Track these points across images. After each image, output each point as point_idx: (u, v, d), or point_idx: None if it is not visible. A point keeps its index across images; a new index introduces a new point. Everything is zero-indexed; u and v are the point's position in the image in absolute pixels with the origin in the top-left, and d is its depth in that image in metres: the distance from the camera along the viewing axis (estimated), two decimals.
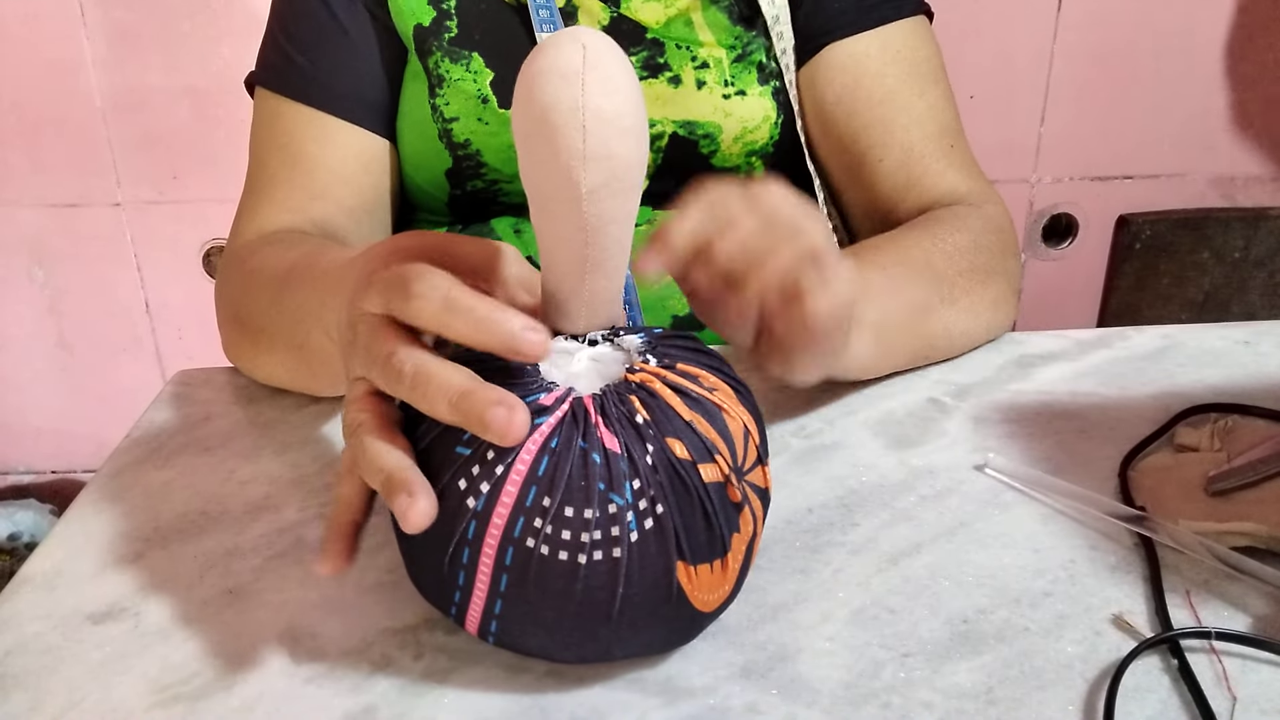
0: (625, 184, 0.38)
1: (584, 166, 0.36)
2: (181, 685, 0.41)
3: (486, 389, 0.36)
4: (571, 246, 0.39)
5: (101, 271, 1.59)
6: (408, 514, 0.36)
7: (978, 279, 0.65)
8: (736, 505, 0.39)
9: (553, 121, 0.36)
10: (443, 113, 0.70)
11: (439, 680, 0.41)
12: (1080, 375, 0.63)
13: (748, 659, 0.42)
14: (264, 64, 0.74)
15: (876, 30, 0.72)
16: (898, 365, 0.63)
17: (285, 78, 0.71)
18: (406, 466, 0.37)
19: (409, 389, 0.37)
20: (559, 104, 0.36)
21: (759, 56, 0.73)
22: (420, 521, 0.36)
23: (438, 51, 0.70)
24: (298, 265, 0.56)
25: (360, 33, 0.72)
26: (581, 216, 0.38)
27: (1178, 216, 1.56)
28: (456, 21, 0.71)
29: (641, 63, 0.72)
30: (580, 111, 0.36)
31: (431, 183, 0.73)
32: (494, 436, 0.35)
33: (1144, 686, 0.40)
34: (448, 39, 0.71)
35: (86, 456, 1.72)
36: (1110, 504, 0.50)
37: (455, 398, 0.36)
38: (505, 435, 0.35)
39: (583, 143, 0.36)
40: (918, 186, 0.71)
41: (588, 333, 0.42)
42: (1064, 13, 1.48)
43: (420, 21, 0.71)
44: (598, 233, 0.38)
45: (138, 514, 0.52)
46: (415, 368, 0.37)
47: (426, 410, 0.37)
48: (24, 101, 1.50)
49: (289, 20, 0.73)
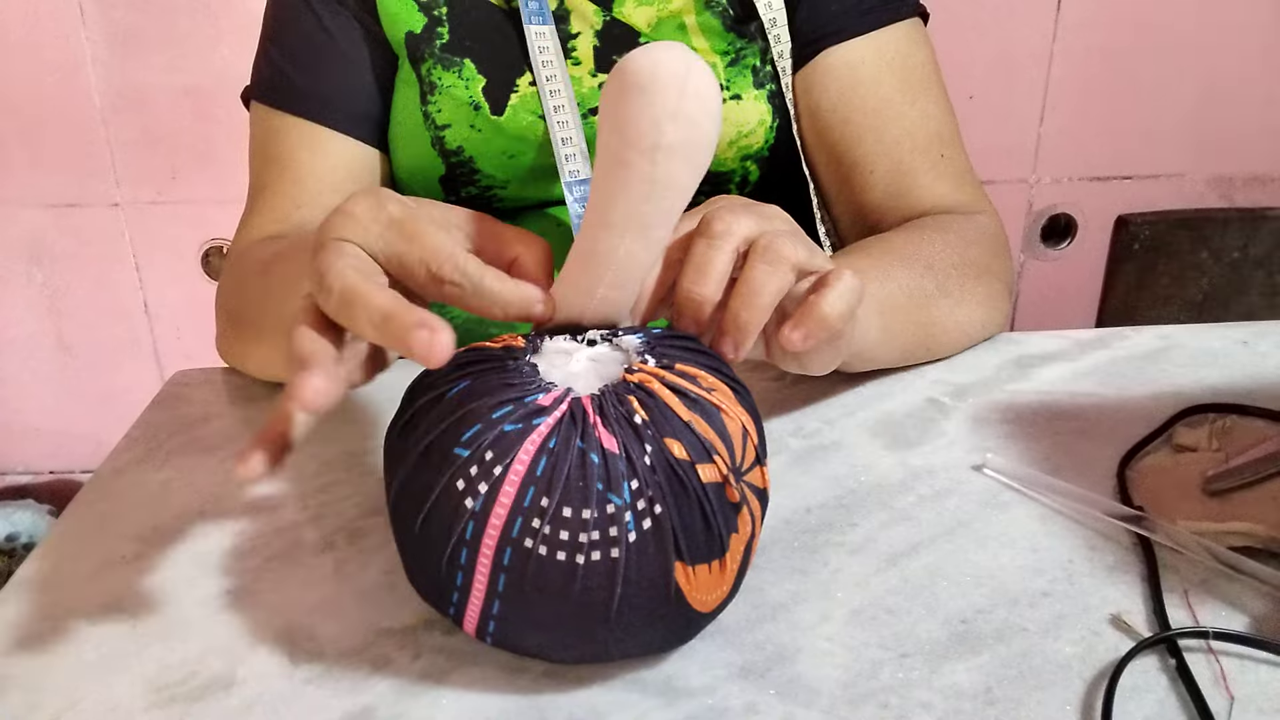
0: (696, 158, 0.41)
1: (673, 121, 0.39)
2: (179, 685, 0.41)
3: (410, 311, 0.36)
4: (630, 200, 0.41)
5: (100, 272, 1.59)
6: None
7: (970, 273, 0.65)
8: (735, 505, 0.39)
9: (659, 76, 0.39)
10: (435, 120, 0.70)
11: (437, 680, 0.41)
12: (1079, 375, 0.63)
13: (746, 659, 0.42)
14: (256, 78, 0.74)
15: (872, 35, 0.72)
16: (901, 352, 0.62)
17: (276, 90, 0.72)
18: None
19: (336, 306, 0.37)
20: (667, 66, 0.40)
21: (753, 60, 0.73)
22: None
23: (429, 58, 0.70)
24: (280, 252, 0.57)
25: (349, 42, 0.72)
26: (653, 167, 0.40)
27: (1176, 217, 1.56)
28: (448, 28, 0.71)
29: None
30: (684, 78, 0.39)
31: (425, 190, 0.73)
32: (418, 358, 0.35)
33: (1142, 686, 0.40)
34: (439, 45, 0.70)
35: (85, 457, 1.72)
36: (1109, 504, 0.50)
37: (378, 319, 0.36)
38: (428, 357, 0.35)
39: (678, 101, 0.39)
40: (906, 198, 0.71)
41: (595, 318, 0.42)
42: (1063, 13, 1.48)
43: (411, 29, 0.71)
44: (659, 188, 0.40)
45: (136, 514, 0.52)
46: (343, 286, 0.37)
47: (354, 330, 0.37)
48: (24, 101, 1.50)
49: (278, 31, 0.73)
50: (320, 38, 0.72)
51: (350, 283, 0.37)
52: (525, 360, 0.40)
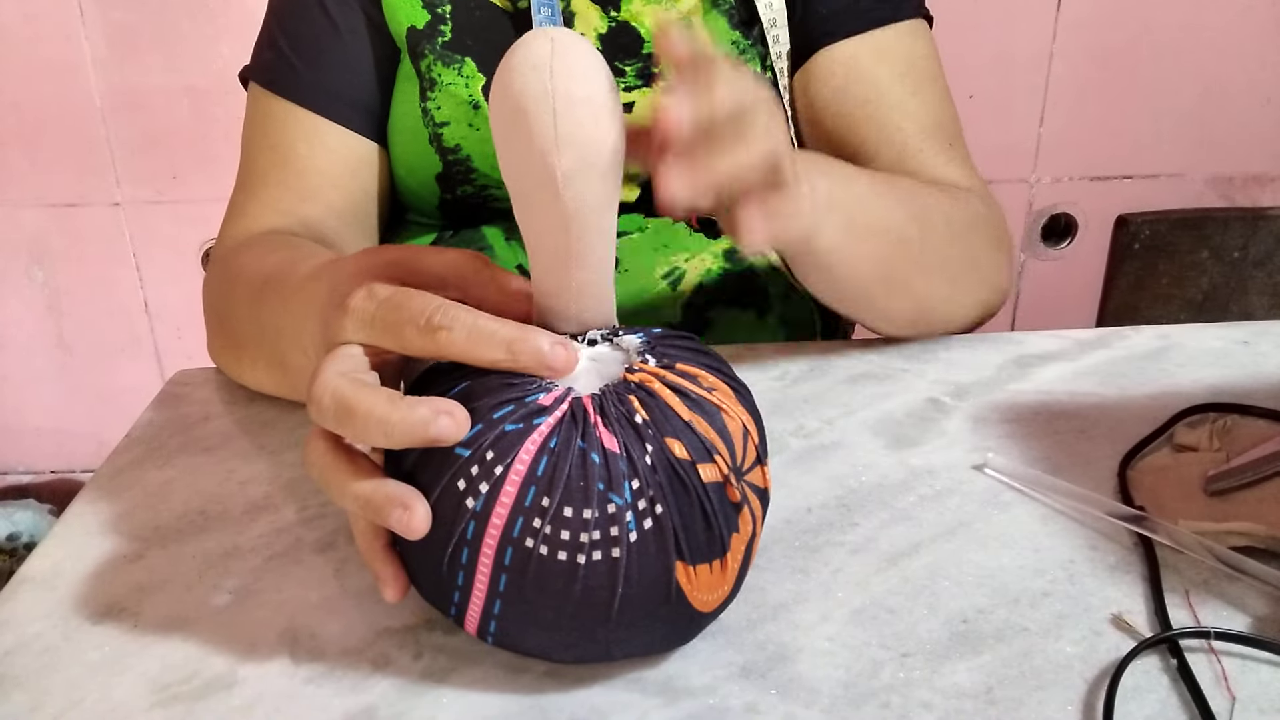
0: (600, 167, 0.38)
1: (558, 150, 0.36)
2: (181, 685, 0.41)
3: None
4: (554, 237, 0.39)
5: (101, 271, 1.60)
6: (410, 525, 0.37)
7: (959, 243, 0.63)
8: (736, 505, 0.39)
9: (525, 109, 0.36)
10: (433, 116, 0.70)
11: (438, 680, 0.41)
12: (1079, 375, 0.63)
13: (747, 659, 0.42)
14: (258, 60, 0.74)
15: (869, 34, 0.72)
16: (856, 274, 0.59)
17: (277, 76, 0.71)
18: (379, 483, 0.38)
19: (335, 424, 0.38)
20: (528, 90, 0.36)
21: (754, 65, 0.73)
22: (422, 527, 0.37)
23: (430, 54, 0.70)
24: (272, 278, 0.56)
25: (354, 34, 0.72)
26: (561, 203, 0.38)
27: (1177, 216, 1.56)
28: (450, 25, 0.71)
29: (637, 72, 0.71)
30: (550, 97, 0.36)
31: (422, 185, 0.73)
32: (444, 435, 0.36)
33: (1143, 686, 0.40)
34: (441, 43, 0.70)
35: (86, 456, 1.72)
36: (1109, 504, 0.50)
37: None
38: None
39: (554, 127, 0.36)
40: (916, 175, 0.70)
41: (582, 332, 0.42)
42: (1063, 13, 1.48)
43: (414, 24, 0.71)
44: (578, 219, 0.38)
45: (137, 514, 0.52)
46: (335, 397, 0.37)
47: (359, 439, 0.38)
48: (24, 101, 1.50)
49: (284, 17, 0.73)
50: (325, 27, 0.71)
51: (343, 394, 0.37)
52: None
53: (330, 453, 0.39)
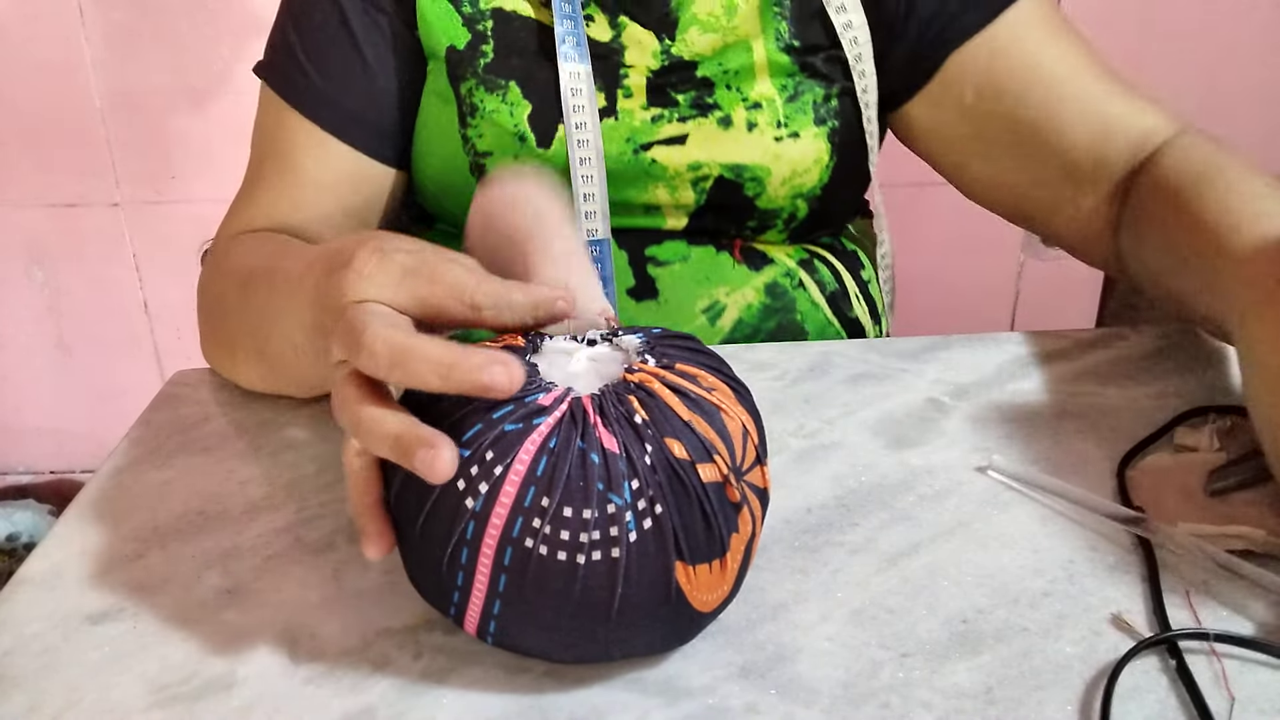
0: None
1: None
2: (180, 685, 0.41)
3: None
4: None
5: (100, 271, 1.60)
6: (434, 465, 0.35)
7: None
8: (735, 505, 0.39)
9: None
10: (475, 145, 0.68)
11: (438, 680, 0.41)
12: (1080, 375, 0.63)
13: (747, 659, 0.42)
14: (271, 59, 0.71)
15: (988, 28, 0.68)
16: None
17: (290, 83, 0.69)
18: (412, 423, 0.37)
19: (387, 365, 0.37)
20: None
21: (813, 97, 0.70)
22: (447, 470, 0.35)
23: (472, 79, 0.67)
24: (258, 269, 0.55)
25: (376, 52, 0.69)
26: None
27: None
28: (492, 45, 0.68)
29: (690, 102, 0.69)
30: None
31: (457, 206, 0.70)
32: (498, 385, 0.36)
33: (1142, 686, 0.40)
34: (483, 65, 0.67)
35: (85, 456, 1.72)
36: (1109, 505, 0.50)
37: (444, 369, 0.36)
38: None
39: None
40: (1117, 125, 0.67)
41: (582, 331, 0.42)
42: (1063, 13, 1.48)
43: (454, 44, 0.68)
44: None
45: (136, 514, 0.52)
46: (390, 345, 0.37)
47: (415, 383, 0.37)
48: (23, 101, 1.50)
49: (300, 20, 0.70)
50: (345, 41, 0.69)
51: (397, 340, 0.37)
52: (525, 360, 0.40)
53: (365, 397, 0.38)
